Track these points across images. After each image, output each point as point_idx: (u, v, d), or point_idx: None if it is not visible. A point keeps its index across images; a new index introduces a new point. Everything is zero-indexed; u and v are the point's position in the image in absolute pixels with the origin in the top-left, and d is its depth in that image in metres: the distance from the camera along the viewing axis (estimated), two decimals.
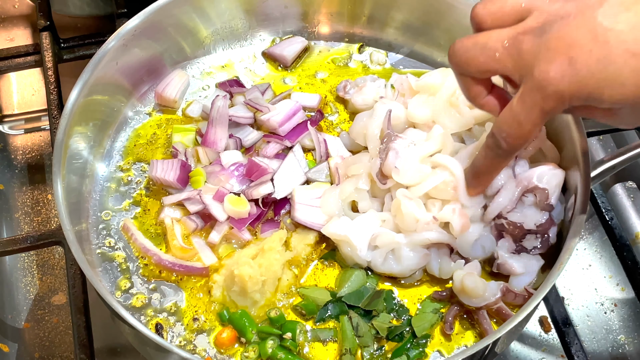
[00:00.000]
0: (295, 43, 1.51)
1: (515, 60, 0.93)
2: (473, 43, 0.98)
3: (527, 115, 0.94)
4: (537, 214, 1.16)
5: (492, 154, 1.05)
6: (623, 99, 0.87)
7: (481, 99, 1.04)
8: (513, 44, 0.93)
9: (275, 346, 1.13)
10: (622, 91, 0.86)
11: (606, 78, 0.86)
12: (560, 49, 0.88)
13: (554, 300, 1.28)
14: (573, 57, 0.87)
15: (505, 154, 1.03)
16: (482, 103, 1.05)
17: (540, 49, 0.90)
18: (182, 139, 1.37)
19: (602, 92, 0.87)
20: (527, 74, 0.92)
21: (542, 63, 0.89)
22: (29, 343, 1.37)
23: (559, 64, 0.88)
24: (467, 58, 0.99)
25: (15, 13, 1.86)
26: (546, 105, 0.91)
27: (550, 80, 0.88)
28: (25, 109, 1.71)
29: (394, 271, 1.20)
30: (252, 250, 1.21)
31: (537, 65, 0.90)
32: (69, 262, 1.28)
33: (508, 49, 0.94)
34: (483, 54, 0.96)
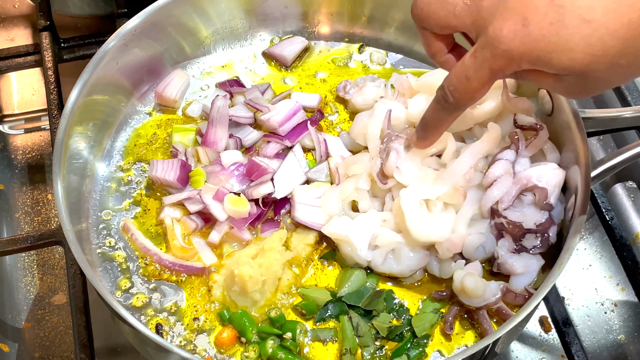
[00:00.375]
0: (295, 43, 1.51)
1: (473, 17, 0.94)
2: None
3: (475, 71, 0.94)
4: (537, 213, 1.16)
5: (439, 106, 1.05)
6: (571, 65, 0.87)
7: (441, 56, 1.06)
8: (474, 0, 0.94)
9: (275, 346, 1.13)
10: (570, 56, 0.86)
11: (557, 42, 0.86)
12: (517, 9, 0.88)
13: (554, 300, 1.28)
14: (527, 18, 0.87)
15: (451, 107, 1.03)
16: (442, 60, 1.06)
17: (498, 6, 0.90)
18: (182, 138, 1.37)
19: (551, 56, 0.87)
20: (482, 31, 0.92)
21: (497, 21, 0.90)
22: (29, 343, 1.37)
23: (512, 23, 0.88)
24: (427, 11, 1.00)
25: (16, 13, 1.86)
26: (495, 64, 0.91)
27: (502, 39, 0.89)
28: (25, 108, 1.72)
29: (393, 271, 1.20)
30: (252, 250, 1.21)
31: (492, 23, 0.90)
32: (69, 262, 1.29)
33: (468, 5, 0.95)
34: (443, 8, 0.98)
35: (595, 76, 0.88)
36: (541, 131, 1.22)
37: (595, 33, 0.84)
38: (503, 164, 1.17)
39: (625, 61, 0.86)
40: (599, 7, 0.84)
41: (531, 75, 0.93)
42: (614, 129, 1.28)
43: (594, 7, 0.84)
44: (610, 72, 0.87)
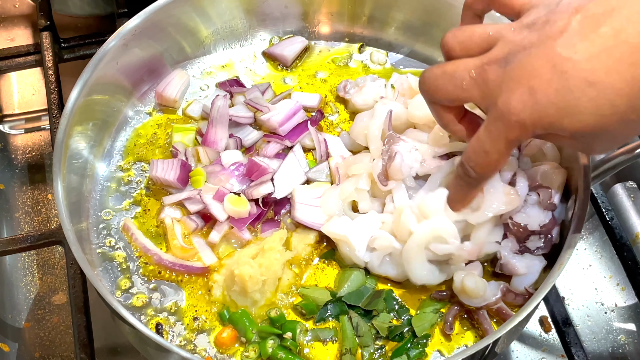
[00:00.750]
0: (295, 43, 1.51)
1: (481, 90, 0.95)
2: (442, 72, 0.99)
3: (492, 145, 0.95)
4: (541, 214, 1.16)
5: (462, 182, 1.06)
6: (582, 127, 0.88)
7: (453, 126, 1.06)
8: (479, 73, 0.95)
9: (275, 346, 1.13)
10: (581, 119, 0.87)
11: (565, 107, 0.87)
12: (522, 79, 0.89)
13: (554, 300, 1.28)
14: (533, 87, 0.88)
15: (475, 182, 1.04)
16: (455, 130, 1.06)
17: (504, 79, 0.91)
18: (182, 138, 1.37)
19: (563, 121, 0.88)
20: (492, 104, 0.93)
21: (505, 93, 0.91)
22: (29, 343, 1.37)
23: (520, 93, 0.89)
24: (435, 87, 1.00)
25: (16, 13, 1.86)
26: (510, 135, 0.92)
27: (512, 110, 0.90)
28: (25, 108, 1.72)
29: (389, 274, 1.20)
30: (252, 250, 1.21)
31: (500, 95, 0.91)
32: (69, 261, 1.29)
33: (475, 78, 0.95)
34: (451, 83, 0.98)
35: (609, 133, 0.89)
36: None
37: (601, 94, 0.85)
38: (511, 161, 1.17)
39: (635, 115, 0.86)
40: (600, 68, 0.84)
41: (549, 138, 0.94)
42: None
43: (596, 69, 0.85)
44: (623, 127, 0.88)
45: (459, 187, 1.09)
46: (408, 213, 1.16)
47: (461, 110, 1.06)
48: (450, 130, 1.07)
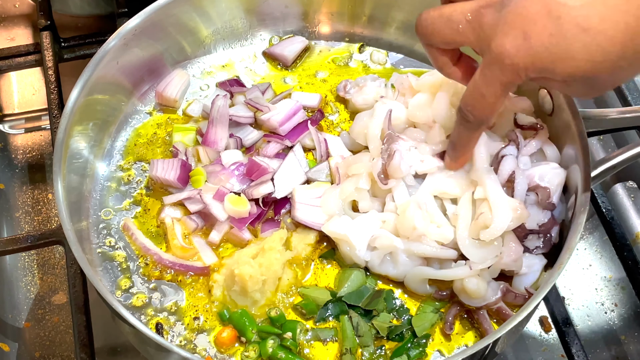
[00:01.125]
0: (295, 43, 1.51)
1: (477, 33, 0.96)
2: (438, 15, 1.01)
3: (488, 88, 0.97)
4: (540, 214, 1.16)
5: (462, 127, 1.08)
6: (574, 72, 0.89)
7: (448, 69, 1.08)
8: (475, 17, 0.96)
9: (275, 346, 1.13)
10: (573, 64, 0.88)
11: (558, 52, 0.88)
12: (516, 23, 0.90)
13: (554, 300, 1.28)
14: (527, 32, 0.89)
15: (473, 126, 1.06)
16: (449, 72, 1.09)
17: (499, 22, 0.93)
18: (182, 138, 1.37)
19: (555, 66, 0.89)
20: (486, 47, 0.95)
21: (499, 37, 0.92)
22: (30, 342, 1.37)
23: (514, 37, 0.90)
24: (432, 29, 1.02)
25: (16, 12, 1.86)
26: (504, 78, 0.94)
27: (506, 54, 0.91)
28: (25, 108, 1.72)
29: (390, 274, 1.20)
30: (253, 249, 1.21)
31: (495, 39, 0.93)
32: (70, 261, 1.29)
33: (470, 22, 0.97)
34: (447, 26, 1.00)
35: (599, 79, 0.90)
36: (541, 131, 1.22)
37: (594, 41, 0.86)
38: (510, 160, 1.17)
39: (625, 63, 0.88)
40: (594, 15, 0.86)
41: (540, 81, 0.95)
42: (614, 128, 1.28)
43: (589, 15, 0.86)
44: (613, 74, 0.90)
45: (459, 131, 1.11)
46: (414, 208, 1.16)
47: (456, 54, 1.07)
48: (445, 73, 1.09)
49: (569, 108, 1.21)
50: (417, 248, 1.16)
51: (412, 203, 1.17)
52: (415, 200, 1.17)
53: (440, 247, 1.16)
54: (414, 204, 1.16)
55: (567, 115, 1.21)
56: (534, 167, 1.18)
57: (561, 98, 1.22)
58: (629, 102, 1.49)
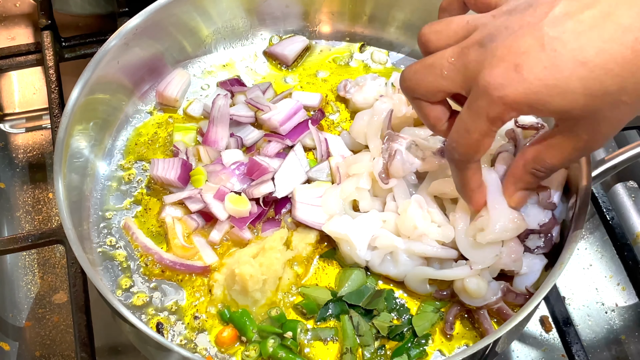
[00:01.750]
0: (296, 42, 1.51)
1: (462, 73, 0.93)
2: (421, 65, 0.98)
3: (474, 123, 0.92)
4: (540, 213, 1.16)
5: (453, 166, 1.03)
6: (571, 107, 0.87)
7: (442, 125, 1.02)
8: (459, 57, 0.93)
9: (276, 345, 1.13)
10: (571, 98, 0.86)
11: (554, 85, 0.85)
12: (506, 56, 0.87)
13: (554, 300, 1.28)
14: (520, 64, 0.86)
15: (460, 164, 1.01)
16: (442, 130, 1.03)
17: (486, 56, 0.89)
18: (183, 137, 1.37)
19: (550, 100, 0.86)
20: (473, 83, 0.91)
21: (487, 70, 0.88)
22: (30, 342, 1.37)
23: (504, 69, 0.87)
24: (416, 80, 0.98)
25: (17, 12, 1.86)
26: (491, 112, 0.90)
27: (495, 86, 0.87)
28: (26, 107, 1.71)
29: (390, 273, 1.20)
30: (253, 249, 1.21)
31: (482, 72, 0.89)
32: (70, 260, 1.29)
33: (454, 63, 0.93)
34: (431, 73, 0.96)
35: (597, 114, 0.88)
36: (542, 130, 1.22)
37: (591, 74, 0.84)
38: (505, 156, 1.17)
39: (627, 98, 0.86)
40: (591, 48, 0.84)
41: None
42: None
43: (586, 48, 0.84)
44: (615, 110, 0.87)
45: (453, 173, 1.05)
46: (415, 207, 1.16)
47: (448, 108, 1.02)
48: (439, 131, 1.03)
49: None
50: (417, 248, 1.16)
51: (413, 202, 1.17)
52: (416, 200, 1.17)
53: (441, 247, 1.16)
54: (415, 204, 1.16)
55: None
56: None
57: None
58: None
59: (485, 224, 1.10)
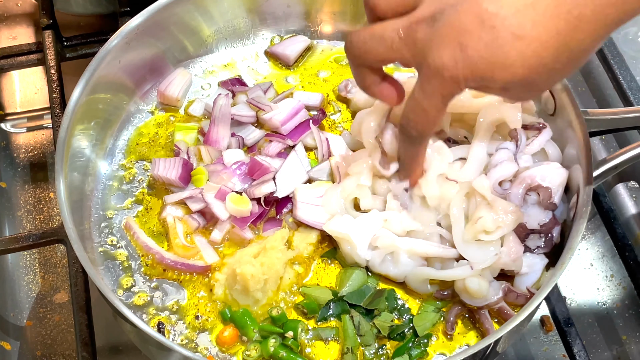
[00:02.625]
0: (297, 42, 1.51)
1: (411, 49, 0.96)
2: (370, 35, 1.01)
3: (429, 102, 0.97)
4: (541, 213, 1.16)
5: (406, 143, 1.10)
6: (513, 79, 0.90)
7: (375, 87, 1.09)
8: (408, 33, 0.96)
9: (277, 345, 1.13)
10: (511, 71, 0.90)
11: (496, 61, 0.89)
12: (451, 36, 0.91)
13: (555, 299, 1.28)
14: (463, 43, 0.90)
15: (417, 140, 1.07)
16: (376, 91, 1.09)
17: (433, 36, 0.93)
18: (184, 137, 1.37)
19: (494, 74, 0.90)
20: (423, 62, 0.95)
21: (435, 50, 0.92)
22: (31, 341, 1.37)
23: (451, 50, 0.91)
24: (365, 49, 1.02)
25: (18, 11, 1.86)
26: (444, 90, 0.95)
27: (445, 66, 0.92)
28: (27, 107, 1.72)
29: (390, 273, 1.20)
30: (254, 249, 1.21)
31: (430, 53, 0.93)
32: (71, 260, 1.29)
33: (404, 39, 0.97)
34: (381, 44, 1.00)
35: (536, 83, 0.92)
36: (544, 130, 1.22)
37: (529, 47, 0.88)
38: (505, 152, 1.18)
39: (560, 65, 0.90)
40: (527, 22, 0.87)
41: (481, 89, 0.97)
42: (616, 129, 1.28)
43: (522, 23, 0.87)
44: (549, 76, 0.92)
45: (404, 147, 1.13)
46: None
47: (382, 73, 1.08)
48: (371, 92, 1.09)
49: (571, 108, 1.21)
50: (419, 247, 1.16)
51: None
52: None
53: (443, 247, 1.16)
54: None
55: (569, 115, 1.21)
56: (536, 167, 1.18)
57: (563, 98, 1.22)
58: (631, 102, 1.49)
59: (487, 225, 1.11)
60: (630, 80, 1.51)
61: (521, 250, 1.14)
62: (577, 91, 1.65)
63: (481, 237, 1.13)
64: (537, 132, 1.22)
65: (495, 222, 1.12)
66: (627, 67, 1.53)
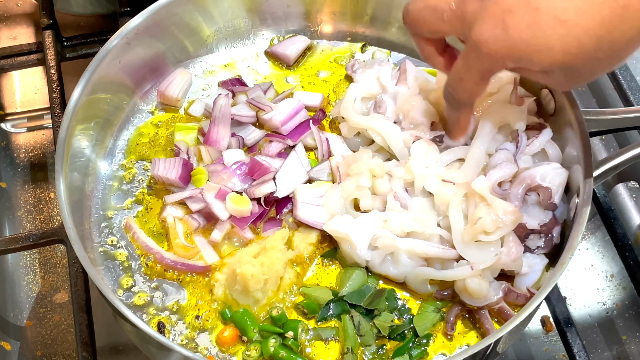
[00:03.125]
0: (297, 42, 1.51)
1: (460, 22, 0.99)
2: (424, 5, 1.05)
3: (467, 73, 1.01)
4: (541, 214, 1.16)
5: (449, 106, 1.13)
6: (552, 63, 0.91)
7: (434, 58, 1.13)
8: (459, 6, 0.99)
9: (277, 345, 1.14)
10: (550, 55, 0.91)
11: (536, 43, 0.90)
12: (496, 13, 0.92)
13: (556, 300, 1.28)
14: (506, 22, 0.91)
15: (456, 105, 1.12)
16: (434, 62, 1.13)
17: (480, 11, 0.95)
18: (184, 137, 1.37)
19: (532, 56, 0.91)
20: (468, 35, 0.97)
21: (479, 25, 0.94)
22: (31, 341, 1.37)
23: (492, 27, 0.93)
24: (418, 19, 1.06)
25: (19, 11, 1.86)
26: (482, 66, 0.97)
27: (484, 42, 0.94)
28: (27, 107, 1.72)
29: (390, 274, 1.20)
30: (254, 249, 1.21)
31: (474, 27, 0.95)
32: (71, 260, 1.29)
33: (454, 10, 1.00)
34: (433, 15, 1.03)
35: (576, 70, 0.93)
36: (545, 130, 1.22)
37: (570, 33, 0.88)
38: (504, 153, 1.18)
39: (602, 54, 0.90)
40: (571, 7, 0.88)
41: (519, 70, 0.98)
42: (616, 129, 1.28)
43: (567, 8, 0.88)
44: (590, 65, 0.92)
45: (448, 110, 1.17)
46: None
47: (442, 44, 1.11)
48: (431, 62, 1.14)
49: (571, 108, 1.21)
50: (419, 248, 1.16)
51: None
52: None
53: (443, 247, 1.16)
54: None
55: (569, 116, 1.21)
56: (536, 167, 1.18)
57: (564, 98, 1.22)
58: (631, 102, 1.49)
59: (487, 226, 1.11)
60: (630, 80, 1.51)
61: (521, 250, 1.14)
62: (577, 91, 1.65)
63: (481, 237, 1.13)
64: (537, 132, 1.22)
65: (495, 223, 1.12)
66: (627, 67, 1.53)
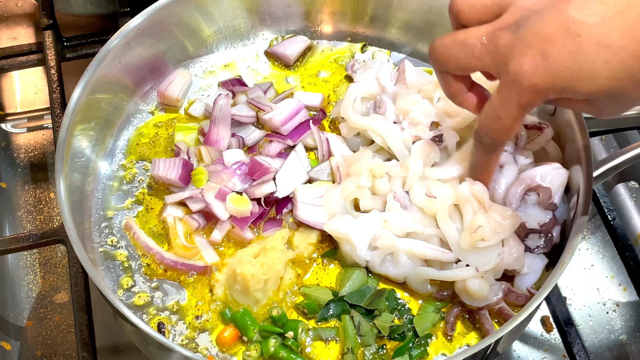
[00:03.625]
0: (297, 42, 1.51)
1: (493, 56, 0.95)
2: (452, 40, 0.99)
3: (505, 109, 0.95)
4: (541, 213, 1.16)
5: (478, 150, 1.09)
6: (597, 90, 0.88)
7: (461, 96, 1.06)
8: (491, 39, 0.95)
9: (277, 345, 1.14)
10: (595, 82, 0.87)
11: (579, 70, 0.87)
12: (534, 43, 0.89)
13: (556, 300, 1.28)
14: (546, 51, 0.88)
15: (490, 148, 1.06)
16: (462, 100, 1.07)
17: (515, 43, 0.91)
18: (184, 137, 1.37)
19: (577, 84, 0.88)
20: (503, 69, 0.93)
21: (517, 57, 0.91)
22: (31, 341, 1.37)
23: (532, 57, 0.89)
24: (447, 55, 1.00)
25: (19, 12, 1.86)
26: (522, 99, 0.93)
27: (524, 74, 0.90)
28: (28, 107, 1.72)
29: (390, 274, 1.20)
30: (255, 249, 1.21)
31: (512, 60, 0.91)
32: (72, 260, 1.29)
33: (486, 45, 0.95)
34: (462, 50, 0.98)
35: (623, 96, 0.89)
36: (546, 129, 1.22)
37: (615, 57, 0.85)
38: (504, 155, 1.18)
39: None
40: (614, 31, 0.85)
41: (561, 102, 0.95)
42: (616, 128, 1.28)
43: (609, 32, 0.85)
44: (638, 89, 0.88)
45: (477, 155, 1.11)
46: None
47: (469, 81, 1.05)
48: (458, 101, 1.07)
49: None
50: (418, 249, 1.16)
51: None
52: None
53: (442, 250, 1.16)
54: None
55: (569, 115, 1.21)
56: (536, 167, 1.18)
57: None
58: None
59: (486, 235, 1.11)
60: None
61: (522, 248, 1.14)
62: None
63: (480, 244, 1.12)
64: (537, 132, 1.22)
65: (494, 232, 1.12)
66: None
